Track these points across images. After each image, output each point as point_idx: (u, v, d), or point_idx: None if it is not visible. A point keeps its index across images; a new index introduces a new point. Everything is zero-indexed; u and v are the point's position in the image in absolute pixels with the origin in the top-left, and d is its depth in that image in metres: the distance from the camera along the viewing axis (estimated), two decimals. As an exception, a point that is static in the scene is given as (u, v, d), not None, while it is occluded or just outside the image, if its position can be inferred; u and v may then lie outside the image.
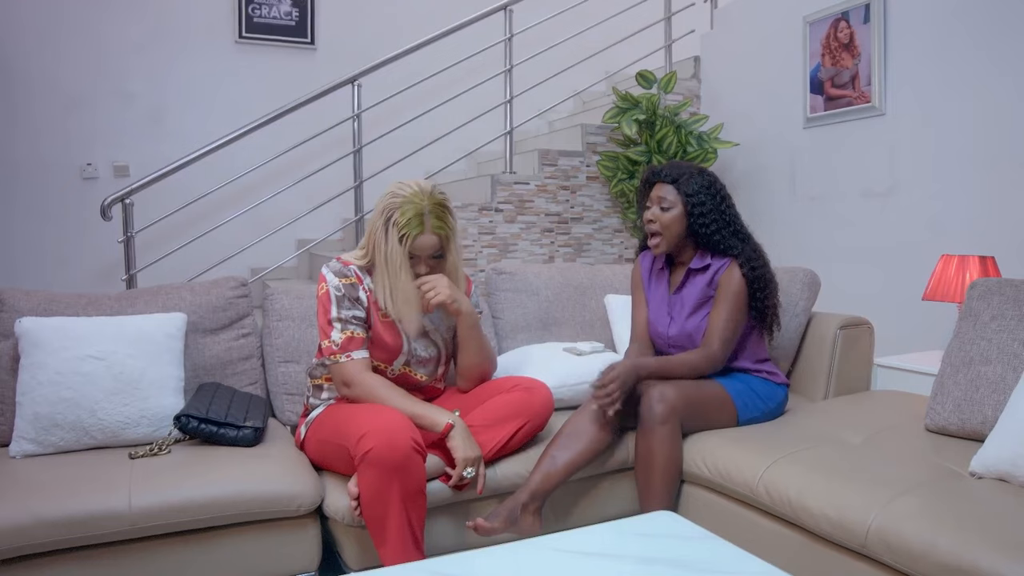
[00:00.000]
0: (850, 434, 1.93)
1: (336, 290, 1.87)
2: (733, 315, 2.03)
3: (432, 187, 1.87)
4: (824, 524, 1.57)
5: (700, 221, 2.07)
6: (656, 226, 2.09)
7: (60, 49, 4.04)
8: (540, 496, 1.83)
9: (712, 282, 2.08)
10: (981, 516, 1.40)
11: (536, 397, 1.93)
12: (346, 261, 1.92)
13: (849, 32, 3.35)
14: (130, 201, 3.35)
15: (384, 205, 1.85)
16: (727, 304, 2.03)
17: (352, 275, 1.90)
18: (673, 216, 2.08)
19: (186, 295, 2.21)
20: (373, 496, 1.64)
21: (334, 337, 1.85)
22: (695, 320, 2.09)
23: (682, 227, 2.09)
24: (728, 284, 2.04)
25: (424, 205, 1.81)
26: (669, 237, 2.09)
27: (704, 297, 2.09)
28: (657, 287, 2.22)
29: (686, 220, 2.08)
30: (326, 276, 1.89)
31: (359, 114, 3.71)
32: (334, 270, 1.89)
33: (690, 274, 2.13)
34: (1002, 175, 2.81)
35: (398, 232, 1.81)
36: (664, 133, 3.65)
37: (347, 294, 1.87)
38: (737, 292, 2.03)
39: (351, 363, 1.84)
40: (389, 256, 1.83)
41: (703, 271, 2.11)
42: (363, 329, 1.88)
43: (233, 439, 1.89)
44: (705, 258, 2.10)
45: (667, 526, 1.36)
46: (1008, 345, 1.82)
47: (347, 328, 1.86)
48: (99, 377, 1.89)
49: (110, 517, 1.59)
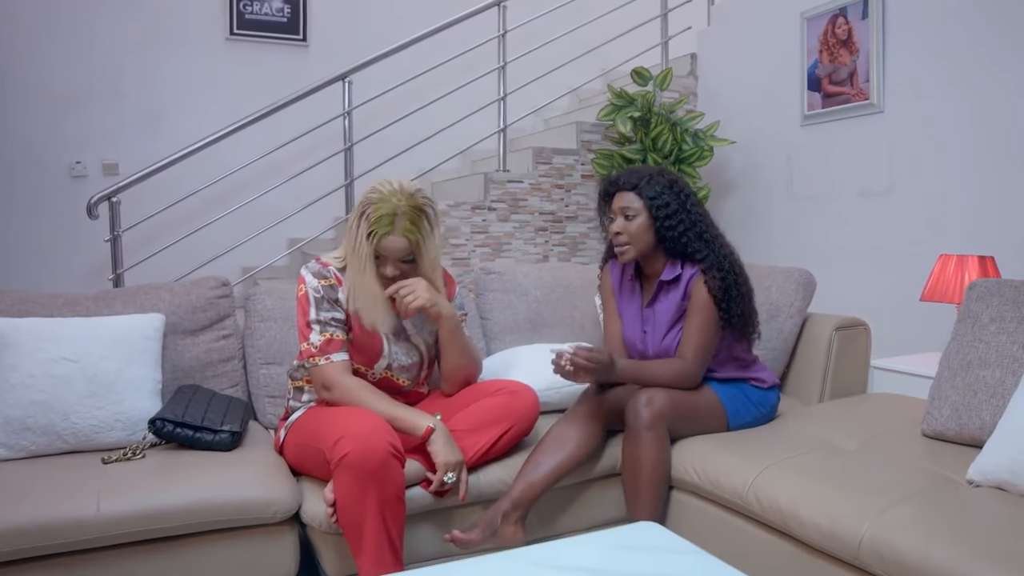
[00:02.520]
0: (844, 439, 1.88)
1: (315, 292, 1.82)
2: (705, 330, 1.93)
3: (415, 190, 1.82)
4: (815, 534, 1.51)
5: (667, 224, 1.95)
6: (624, 237, 1.98)
7: (49, 46, 3.98)
8: (523, 505, 1.77)
9: (685, 294, 1.98)
10: (978, 527, 1.35)
11: (521, 401, 1.88)
12: (325, 262, 1.88)
13: (847, 28, 3.29)
14: (117, 199, 3.31)
15: (362, 199, 1.82)
16: (697, 318, 1.93)
17: (331, 276, 1.85)
18: (640, 224, 1.96)
19: (165, 295, 2.16)
20: (349, 503, 1.59)
21: (313, 339, 1.80)
22: (672, 336, 1.99)
23: (650, 235, 1.97)
24: (696, 298, 1.94)
25: (400, 206, 1.76)
26: (639, 246, 1.98)
27: (679, 311, 1.99)
28: (630, 301, 2.11)
29: (653, 226, 1.96)
30: (305, 277, 1.84)
31: (350, 111, 3.67)
32: (313, 271, 1.85)
33: (662, 287, 2.02)
34: (1002, 174, 2.75)
35: (368, 227, 1.78)
36: (659, 131, 3.59)
37: (326, 295, 1.83)
38: (705, 306, 1.93)
39: (330, 366, 1.79)
40: (356, 250, 1.80)
41: (675, 283, 1.99)
42: (343, 331, 1.84)
43: (210, 443, 1.84)
44: (676, 268, 1.99)
45: (650, 538, 1.30)
46: (1007, 348, 1.77)
47: (326, 330, 1.81)
48: (73, 379, 1.84)
49: (77, 525, 1.54)
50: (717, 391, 1.99)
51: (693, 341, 1.93)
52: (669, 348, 1.99)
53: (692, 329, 1.94)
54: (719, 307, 1.93)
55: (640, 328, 2.06)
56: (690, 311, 1.96)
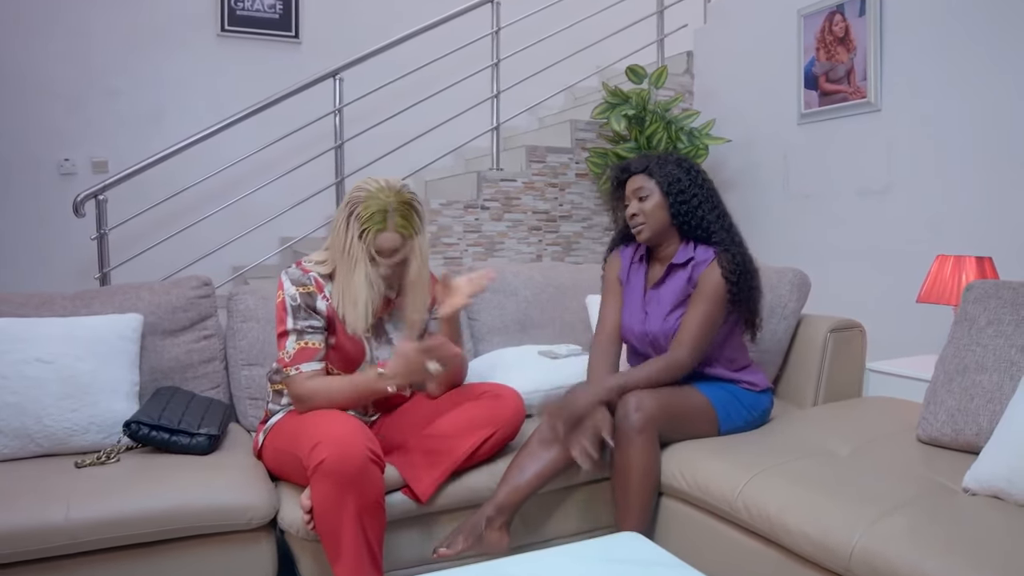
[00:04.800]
0: (837, 444, 1.83)
1: (292, 300, 1.77)
2: (709, 318, 1.89)
3: (401, 185, 1.77)
4: (805, 544, 1.46)
5: (680, 199, 1.95)
6: (640, 218, 1.98)
7: (39, 42, 3.93)
8: (507, 510, 1.73)
9: (691, 280, 1.95)
10: (972, 538, 1.30)
11: (506, 404, 1.83)
12: (306, 268, 1.82)
13: (844, 25, 3.25)
14: (103, 197, 3.26)
15: (348, 199, 1.76)
16: (703, 305, 1.89)
17: (311, 283, 1.80)
18: (654, 203, 1.96)
19: (145, 295, 2.11)
20: (327, 509, 1.54)
21: (288, 348, 1.76)
22: (673, 319, 1.96)
23: (665, 213, 1.97)
24: (706, 283, 1.90)
25: (389, 202, 1.72)
26: (653, 225, 1.97)
27: (685, 295, 1.96)
28: (635, 282, 2.08)
29: (667, 205, 1.96)
30: (284, 284, 1.79)
31: (340, 109, 3.62)
32: (292, 277, 1.80)
33: (671, 270, 1.99)
34: (1001, 173, 2.70)
35: (360, 227, 1.72)
36: (654, 129, 3.55)
37: (303, 303, 1.78)
38: (715, 293, 1.89)
39: (298, 377, 1.75)
40: (348, 251, 1.74)
41: (684, 267, 1.97)
42: (320, 337, 1.79)
43: (186, 447, 1.79)
44: (689, 250, 1.97)
45: (633, 550, 1.25)
46: (1005, 352, 1.72)
47: (302, 338, 1.77)
48: (46, 381, 1.80)
49: (46, 531, 1.49)
50: (708, 394, 1.94)
51: (693, 327, 1.89)
52: (669, 331, 1.95)
53: (694, 315, 1.90)
54: (733, 285, 1.89)
55: (642, 309, 2.03)
56: (695, 298, 1.92)
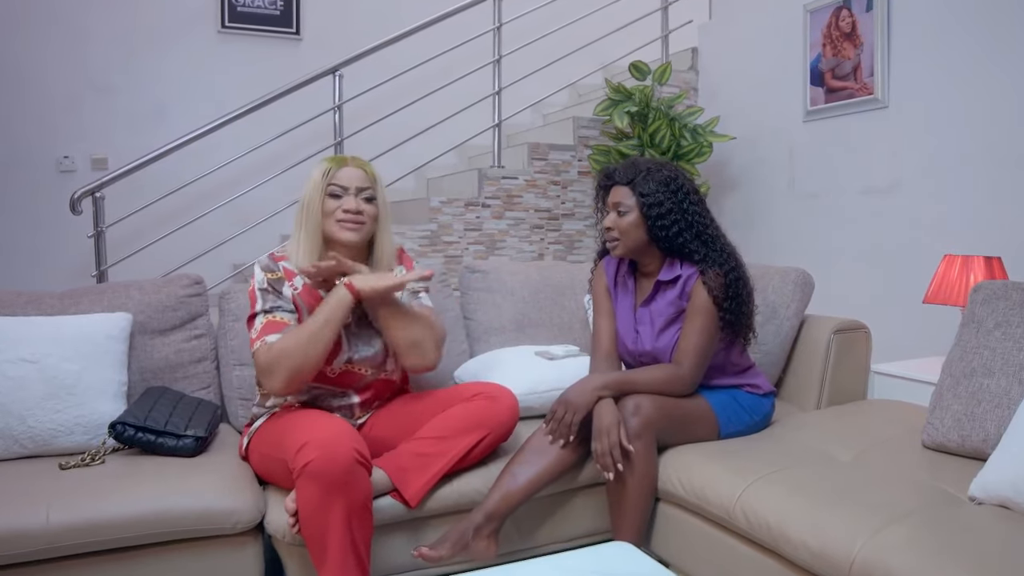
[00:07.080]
0: (840, 450, 1.78)
1: (260, 284, 1.78)
2: (704, 334, 1.83)
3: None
4: (804, 554, 1.42)
5: (659, 223, 1.84)
6: (615, 233, 1.89)
7: (39, 39, 3.91)
8: (497, 517, 1.68)
9: (683, 294, 1.88)
10: (978, 550, 1.25)
11: (499, 406, 1.78)
12: (278, 256, 1.83)
13: (851, 21, 3.18)
14: (101, 195, 3.24)
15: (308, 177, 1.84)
16: (697, 322, 1.83)
17: (280, 271, 1.80)
18: (631, 221, 1.87)
19: (134, 294, 2.08)
20: (312, 513, 1.50)
21: (256, 326, 1.74)
22: (667, 337, 1.89)
23: (641, 232, 1.87)
24: (696, 300, 1.84)
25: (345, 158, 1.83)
26: (627, 242, 1.89)
27: (676, 311, 1.89)
28: (623, 299, 2.01)
29: (645, 224, 1.87)
30: (255, 271, 1.80)
31: (340, 105, 3.58)
32: (262, 265, 1.81)
33: (659, 287, 1.92)
34: (1010, 171, 2.64)
35: (321, 175, 1.79)
36: (657, 126, 3.49)
37: (272, 287, 1.78)
38: (705, 308, 1.82)
39: (263, 347, 1.69)
40: (306, 204, 1.79)
41: (672, 283, 1.90)
42: (290, 316, 1.76)
43: (173, 449, 1.76)
44: (675, 268, 1.89)
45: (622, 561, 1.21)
46: (1013, 355, 1.66)
47: (268, 315, 1.74)
48: (31, 381, 1.77)
49: (24, 535, 1.46)
50: (708, 397, 1.89)
51: (691, 345, 1.83)
52: (663, 349, 1.89)
53: (690, 332, 1.84)
54: (719, 307, 1.83)
55: (632, 327, 1.96)
56: (689, 313, 1.85)
